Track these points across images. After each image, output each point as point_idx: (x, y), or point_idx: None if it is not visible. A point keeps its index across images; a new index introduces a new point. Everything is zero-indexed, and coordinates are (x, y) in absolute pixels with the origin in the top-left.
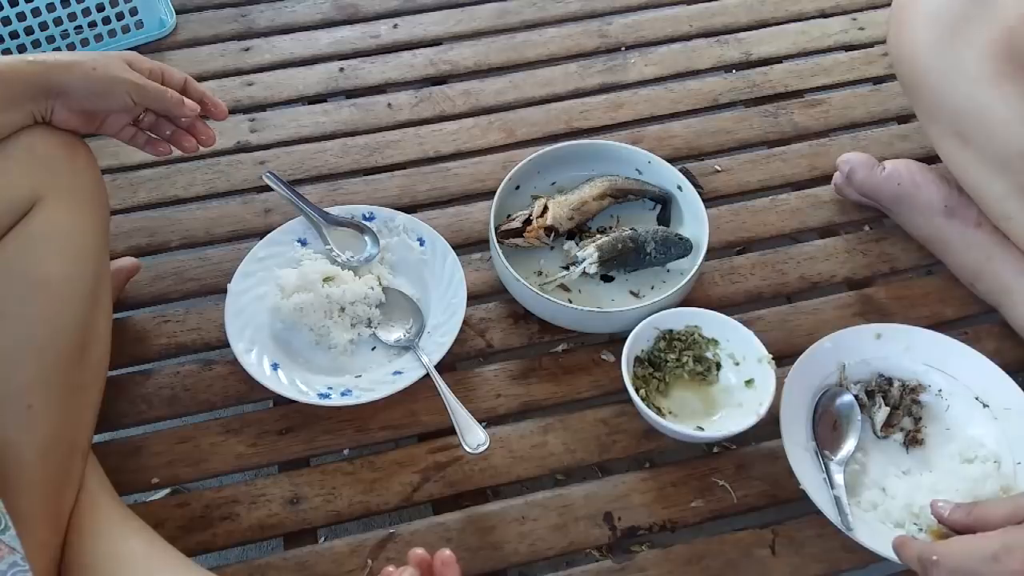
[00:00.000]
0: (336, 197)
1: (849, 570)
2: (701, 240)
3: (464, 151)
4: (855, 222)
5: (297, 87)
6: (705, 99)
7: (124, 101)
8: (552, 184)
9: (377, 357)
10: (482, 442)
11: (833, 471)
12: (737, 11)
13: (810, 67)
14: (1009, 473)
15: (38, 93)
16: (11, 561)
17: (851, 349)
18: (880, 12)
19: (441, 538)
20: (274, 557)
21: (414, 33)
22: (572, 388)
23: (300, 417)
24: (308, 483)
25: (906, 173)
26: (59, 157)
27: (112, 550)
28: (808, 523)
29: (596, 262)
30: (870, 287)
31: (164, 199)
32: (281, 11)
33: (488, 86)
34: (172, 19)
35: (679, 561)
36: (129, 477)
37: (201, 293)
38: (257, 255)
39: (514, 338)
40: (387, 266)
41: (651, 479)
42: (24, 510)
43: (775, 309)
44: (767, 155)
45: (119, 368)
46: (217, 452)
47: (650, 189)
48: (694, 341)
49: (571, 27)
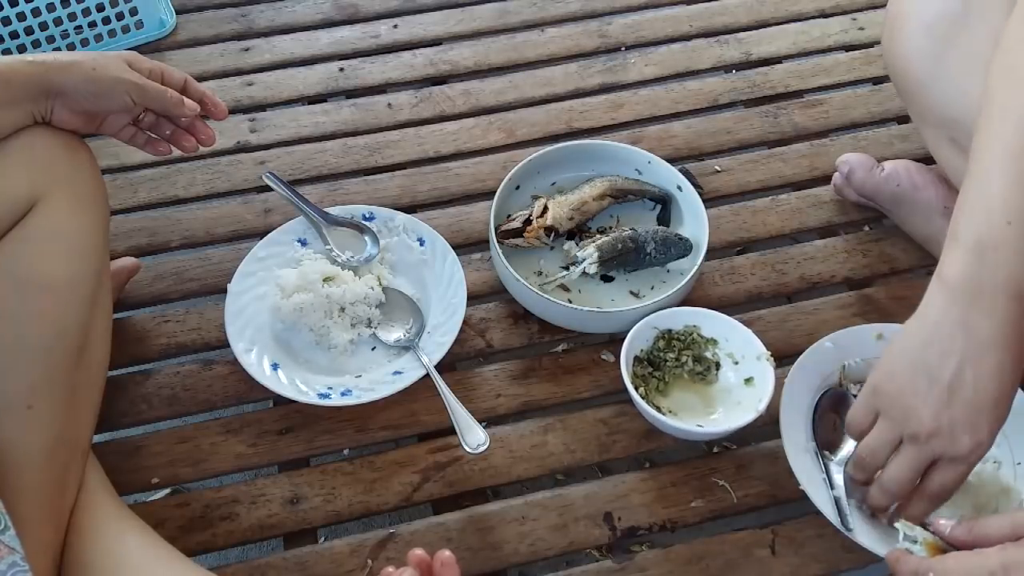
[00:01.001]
0: (336, 197)
1: (849, 570)
2: (701, 240)
3: (464, 151)
4: (855, 222)
5: (297, 87)
6: (705, 99)
7: (124, 101)
8: (552, 184)
9: (377, 357)
10: (482, 442)
11: (833, 471)
12: (737, 11)
13: (810, 67)
14: (1009, 474)
15: (38, 93)
16: (11, 561)
17: (851, 349)
18: (880, 12)
19: (441, 538)
20: (274, 557)
21: (414, 33)
22: (572, 388)
23: (300, 417)
24: (308, 483)
25: (905, 174)
26: (59, 157)
27: (112, 550)
28: (808, 523)
29: (596, 262)
30: (870, 287)
31: (164, 199)
32: (281, 11)
33: (488, 86)
34: (172, 19)
35: (679, 561)
36: (129, 477)
37: (201, 293)
38: (257, 255)
39: (514, 338)
40: (387, 266)
41: (651, 479)
42: (24, 510)
43: (775, 309)
44: (767, 155)
45: (119, 368)
46: (217, 452)
47: (650, 189)
48: (693, 341)
49: (571, 27)
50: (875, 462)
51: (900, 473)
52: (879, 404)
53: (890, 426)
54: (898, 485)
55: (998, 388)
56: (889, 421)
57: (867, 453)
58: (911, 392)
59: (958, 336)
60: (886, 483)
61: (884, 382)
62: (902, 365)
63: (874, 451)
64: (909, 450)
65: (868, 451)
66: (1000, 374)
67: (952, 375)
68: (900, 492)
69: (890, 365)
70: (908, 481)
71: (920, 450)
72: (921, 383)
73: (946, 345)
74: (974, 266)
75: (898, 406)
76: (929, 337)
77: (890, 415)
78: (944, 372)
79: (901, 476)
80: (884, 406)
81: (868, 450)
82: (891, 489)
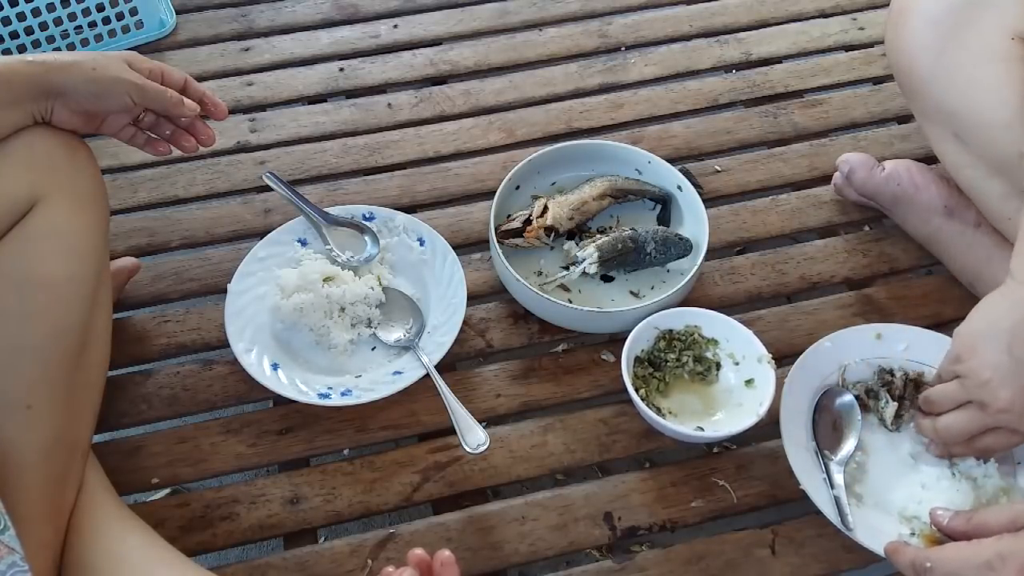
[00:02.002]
0: (336, 197)
1: (849, 570)
2: (701, 240)
3: (464, 151)
4: (855, 222)
5: (297, 87)
6: (705, 99)
7: (124, 101)
8: (552, 184)
9: (377, 357)
10: (482, 442)
11: (833, 471)
12: (737, 11)
13: (810, 67)
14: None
15: (38, 93)
16: (11, 561)
17: (851, 349)
18: (880, 12)
19: (441, 538)
20: (274, 557)
21: (414, 33)
22: (572, 388)
23: (300, 417)
24: (308, 483)
25: (906, 174)
26: (59, 157)
27: (112, 550)
28: (808, 523)
29: (596, 262)
30: (870, 287)
31: (164, 199)
32: (281, 11)
33: (488, 86)
34: (172, 19)
35: (679, 561)
36: (129, 477)
37: (201, 293)
38: (257, 255)
39: (514, 338)
40: (387, 266)
41: (651, 479)
42: (24, 510)
43: (775, 309)
44: (767, 155)
45: (119, 368)
46: (217, 452)
47: (650, 189)
48: (694, 341)
49: (571, 27)
50: (935, 409)
51: (959, 426)
52: (959, 370)
53: (964, 391)
54: (949, 434)
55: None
56: (964, 388)
57: (934, 398)
58: (992, 367)
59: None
60: (940, 428)
61: (966, 354)
62: (986, 339)
63: (939, 401)
64: (974, 413)
65: (935, 398)
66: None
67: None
68: (949, 439)
69: (973, 339)
70: (963, 435)
71: (985, 418)
72: (1004, 362)
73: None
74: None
75: (976, 377)
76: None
77: (967, 383)
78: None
79: (959, 429)
80: (963, 372)
81: (936, 397)
82: (943, 434)
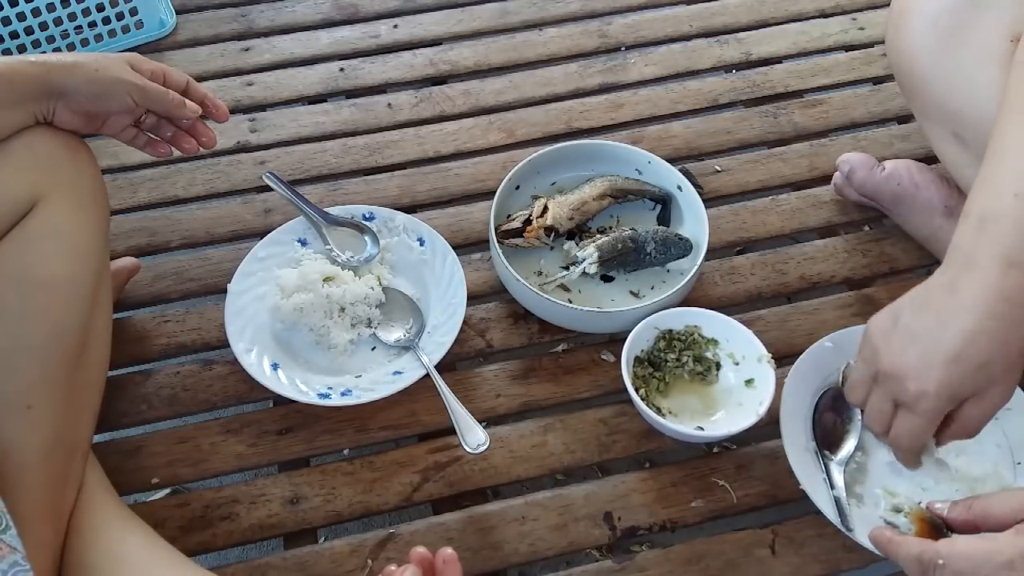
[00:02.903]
0: (336, 197)
1: (849, 570)
2: (701, 240)
3: (464, 151)
4: (855, 222)
5: (297, 87)
6: (705, 99)
7: (126, 102)
8: (552, 184)
9: (377, 357)
10: (482, 442)
11: (833, 471)
12: (737, 11)
13: (810, 67)
14: (1009, 473)
15: (40, 94)
16: (12, 560)
17: (851, 349)
18: (880, 12)
19: (441, 538)
20: (274, 557)
21: (414, 33)
22: (572, 388)
23: (300, 417)
24: (308, 483)
25: (906, 173)
26: (60, 157)
27: (112, 550)
28: (808, 523)
29: (596, 262)
30: (870, 287)
31: (164, 199)
32: (281, 11)
33: (488, 86)
34: (172, 19)
35: (679, 561)
36: (129, 477)
37: (201, 293)
38: (257, 255)
39: (514, 338)
40: (387, 266)
41: (651, 479)
42: (25, 510)
43: (775, 309)
44: (767, 155)
45: (119, 368)
46: (217, 452)
47: (650, 189)
48: (694, 341)
49: (571, 27)
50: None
51: (871, 408)
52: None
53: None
54: (869, 420)
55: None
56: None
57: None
58: (881, 336)
59: (939, 296)
60: (866, 415)
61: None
62: (884, 315)
63: (852, 387)
64: (875, 388)
65: (850, 387)
66: (973, 337)
67: (920, 326)
68: (874, 426)
69: (878, 317)
70: (880, 415)
71: (880, 389)
72: (890, 327)
73: (926, 301)
74: (974, 236)
75: (869, 347)
76: (916, 294)
77: (863, 355)
78: (914, 323)
79: (872, 410)
80: (861, 347)
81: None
82: (867, 422)
